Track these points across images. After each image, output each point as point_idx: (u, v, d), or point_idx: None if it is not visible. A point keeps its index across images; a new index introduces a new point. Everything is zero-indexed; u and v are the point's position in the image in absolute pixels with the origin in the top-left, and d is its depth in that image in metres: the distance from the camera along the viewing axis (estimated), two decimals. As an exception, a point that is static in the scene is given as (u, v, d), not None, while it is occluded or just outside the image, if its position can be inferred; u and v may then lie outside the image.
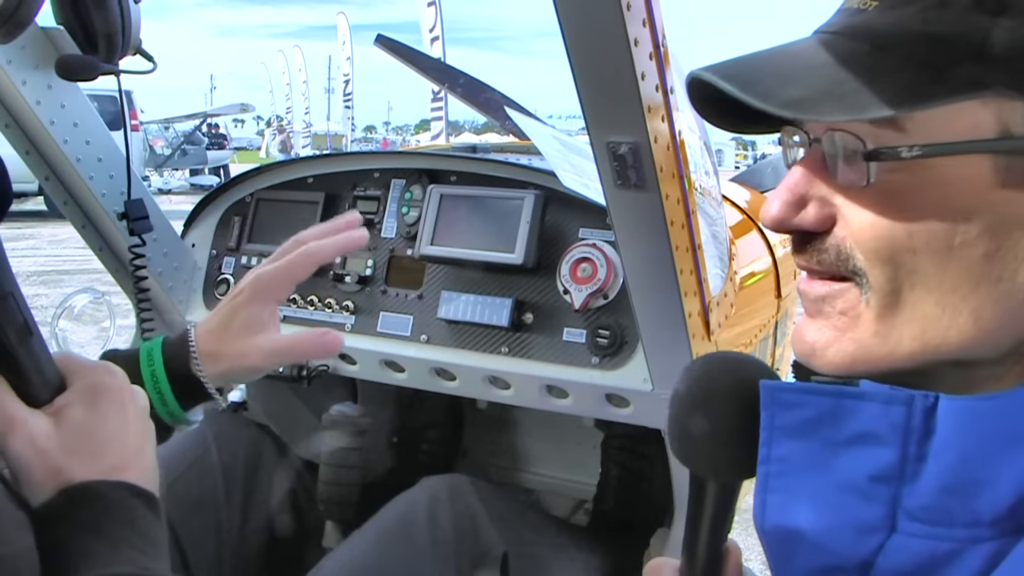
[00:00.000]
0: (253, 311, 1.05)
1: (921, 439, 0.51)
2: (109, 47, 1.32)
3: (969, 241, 0.53)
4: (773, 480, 0.57)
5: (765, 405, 0.57)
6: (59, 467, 0.71)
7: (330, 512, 1.64)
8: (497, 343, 1.47)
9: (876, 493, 0.53)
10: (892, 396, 0.53)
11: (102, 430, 0.75)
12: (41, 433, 0.72)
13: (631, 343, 1.36)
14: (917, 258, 0.54)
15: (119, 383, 0.79)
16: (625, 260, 1.14)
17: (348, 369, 1.63)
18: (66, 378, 0.77)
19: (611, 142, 0.95)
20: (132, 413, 0.78)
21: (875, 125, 0.54)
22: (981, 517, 0.50)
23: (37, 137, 1.44)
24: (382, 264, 1.61)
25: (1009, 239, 0.52)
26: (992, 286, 0.53)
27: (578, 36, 0.86)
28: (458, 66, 2.70)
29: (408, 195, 1.60)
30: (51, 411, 0.74)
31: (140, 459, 0.77)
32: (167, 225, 1.67)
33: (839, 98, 0.53)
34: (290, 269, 1.08)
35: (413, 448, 2.11)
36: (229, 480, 1.49)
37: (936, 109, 0.52)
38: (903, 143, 0.53)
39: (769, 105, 0.54)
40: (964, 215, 0.53)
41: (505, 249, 1.44)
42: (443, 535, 1.33)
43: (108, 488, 0.72)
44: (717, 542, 0.69)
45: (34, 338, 0.72)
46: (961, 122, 0.52)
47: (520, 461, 2.14)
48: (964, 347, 0.55)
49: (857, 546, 0.53)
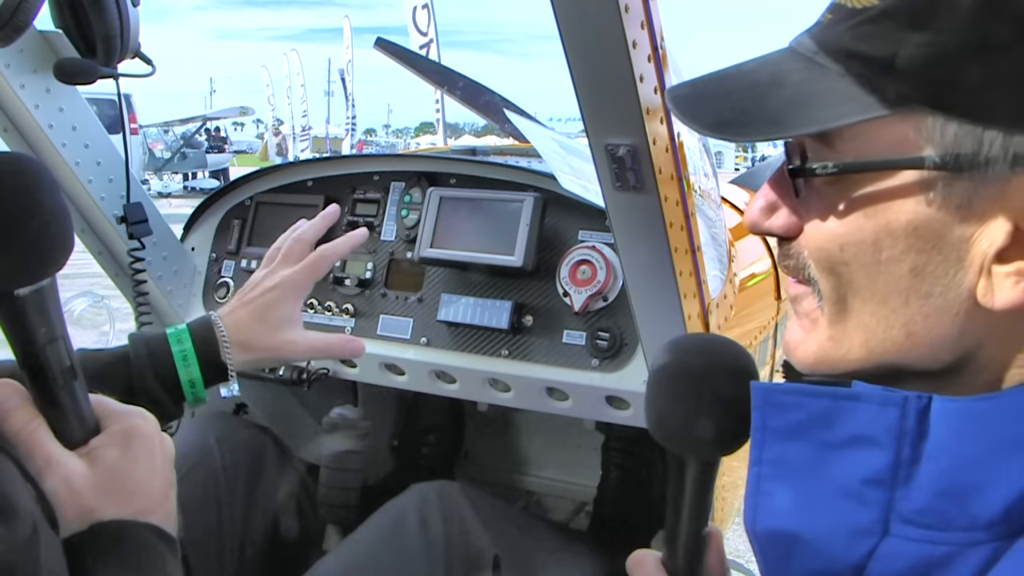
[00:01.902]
0: (288, 308, 1.18)
1: (915, 441, 0.51)
2: (107, 50, 1.32)
3: (895, 256, 0.53)
4: (765, 483, 0.57)
5: (757, 406, 0.57)
6: (91, 507, 0.73)
7: (331, 515, 1.64)
8: (497, 346, 1.46)
9: (869, 496, 0.52)
10: (887, 398, 0.52)
11: (133, 474, 0.77)
12: (77, 474, 0.74)
13: (631, 345, 1.36)
14: (851, 270, 0.56)
15: (151, 429, 0.82)
16: (624, 262, 1.14)
17: (348, 372, 1.63)
18: (101, 421, 0.79)
19: (610, 144, 0.95)
20: (160, 459, 0.81)
21: (814, 141, 0.56)
22: (976, 520, 0.49)
23: (35, 141, 1.44)
24: (382, 267, 1.60)
25: (937, 255, 0.52)
26: (922, 300, 0.54)
27: (576, 39, 0.85)
28: (456, 69, 2.70)
29: (407, 198, 1.60)
30: (85, 452, 0.76)
31: (164, 504, 0.81)
32: (166, 228, 1.67)
33: (761, 118, 0.55)
34: (314, 270, 1.21)
35: (414, 451, 2.11)
36: (230, 483, 1.49)
37: (862, 125, 0.52)
38: (831, 159, 0.55)
39: (699, 126, 0.57)
40: (889, 231, 0.53)
41: (505, 252, 1.43)
42: (434, 540, 1.33)
43: (137, 528, 0.75)
44: (698, 526, 0.70)
45: (77, 381, 0.75)
46: (884, 139, 0.52)
47: (520, 463, 2.14)
48: (902, 357, 0.56)
49: (850, 550, 0.53)
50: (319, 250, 1.22)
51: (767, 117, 0.55)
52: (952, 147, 0.50)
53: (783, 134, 0.55)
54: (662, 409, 0.66)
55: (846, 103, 0.52)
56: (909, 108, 0.51)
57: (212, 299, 1.74)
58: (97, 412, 0.79)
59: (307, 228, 1.26)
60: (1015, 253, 0.50)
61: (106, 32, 1.30)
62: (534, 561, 1.44)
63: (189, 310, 1.74)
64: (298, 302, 1.19)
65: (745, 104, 0.56)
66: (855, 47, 0.53)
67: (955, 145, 0.49)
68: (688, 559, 0.71)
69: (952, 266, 0.52)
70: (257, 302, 1.17)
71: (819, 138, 0.55)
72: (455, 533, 1.36)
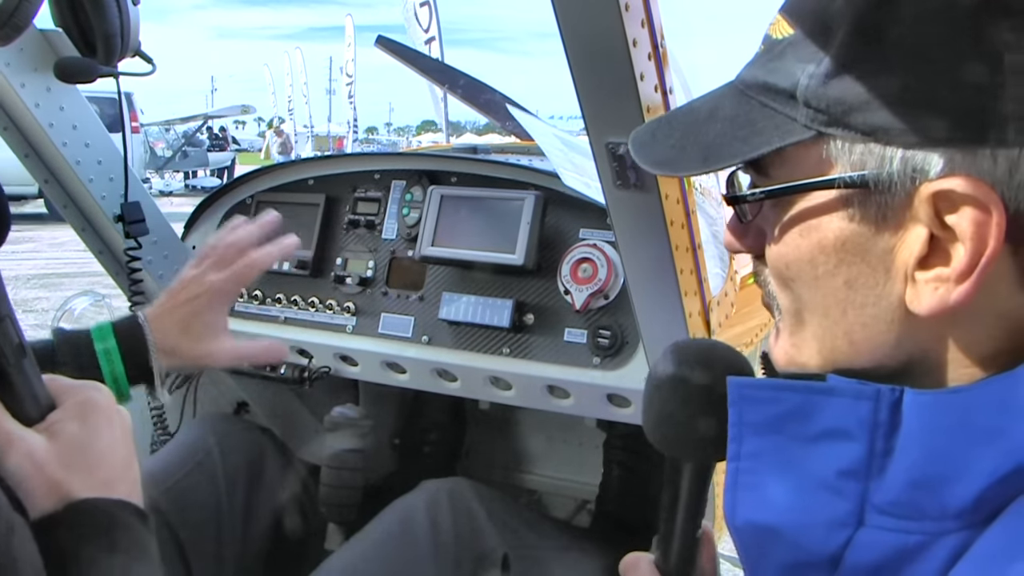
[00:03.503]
0: (213, 317, 1.18)
1: (888, 434, 0.53)
2: (108, 49, 1.32)
3: (830, 271, 0.57)
4: (743, 476, 0.58)
5: (733, 401, 0.58)
6: (57, 480, 0.73)
7: (332, 514, 1.64)
8: (498, 344, 1.46)
9: (845, 488, 0.54)
10: (860, 391, 0.54)
11: (95, 445, 0.78)
12: (39, 448, 0.74)
13: (632, 343, 1.36)
14: (797, 286, 0.60)
15: (107, 401, 0.82)
16: (625, 260, 1.14)
17: (350, 371, 1.63)
18: (55, 397, 0.79)
19: (610, 142, 0.94)
20: (120, 429, 0.82)
21: (753, 169, 0.60)
22: (947, 510, 0.51)
23: (36, 140, 1.44)
24: (383, 266, 1.60)
25: (866, 268, 0.55)
26: (858, 311, 0.57)
27: (577, 37, 0.85)
28: (458, 67, 2.70)
29: (409, 196, 1.60)
30: (44, 428, 0.76)
31: (129, 473, 0.81)
32: (167, 227, 1.67)
33: (695, 152, 0.60)
34: (240, 279, 1.20)
35: (415, 450, 2.11)
36: (230, 484, 1.49)
37: (788, 152, 0.56)
38: (763, 186, 0.59)
39: (646, 164, 0.63)
40: (821, 248, 0.57)
41: (506, 250, 1.43)
42: (443, 538, 1.34)
43: (108, 505, 0.75)
44: (691, 529, 0.71)
45: (27, 359, 0.74)
46: (805, 163, 0.56)
47: (522, 462, 2.14)
48: (851, 363, 0.58)
49: (827, 541, 0.54)
50: (248, 258, 1.21)
51: (700, 151, 0.60)
52: (859, 166, 0.53)
53: (714, 167, 0.59)
54: (659, 413, 0.67)
55: (765, 133, 0.56)
56: (818, 133, 0.54)
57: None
58: (51, 389, 0.79)
59: (243, 234, 1.23)
60: (934, 260, 0.52)
61: (106, 31, 1.30)
62: (543, 560, 1.45)
63: (190, 309, 1.73)
64: (224, 310, 1.20)
65: (684, 140, 0.62)
66: (768, 79, 0.57)
67: (860, 164, 0.53)
68: (681, 561, 0.72)
69: (881, 276, 0.55)
70: (182, 311, 1.17)
71: (756, 168, 0.60)
72: (465, 532, 1.36)
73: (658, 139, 0.64)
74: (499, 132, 3.44)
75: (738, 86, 0.61)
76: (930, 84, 0.50)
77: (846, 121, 0.53)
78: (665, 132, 0.64)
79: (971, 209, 0.50)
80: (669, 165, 0.63)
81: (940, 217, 0.51)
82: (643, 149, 0.64)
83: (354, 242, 1.65)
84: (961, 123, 0.50)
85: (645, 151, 0.64)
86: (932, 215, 0.51)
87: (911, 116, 0.51)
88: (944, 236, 0.52)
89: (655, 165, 0.63)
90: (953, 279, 0.51)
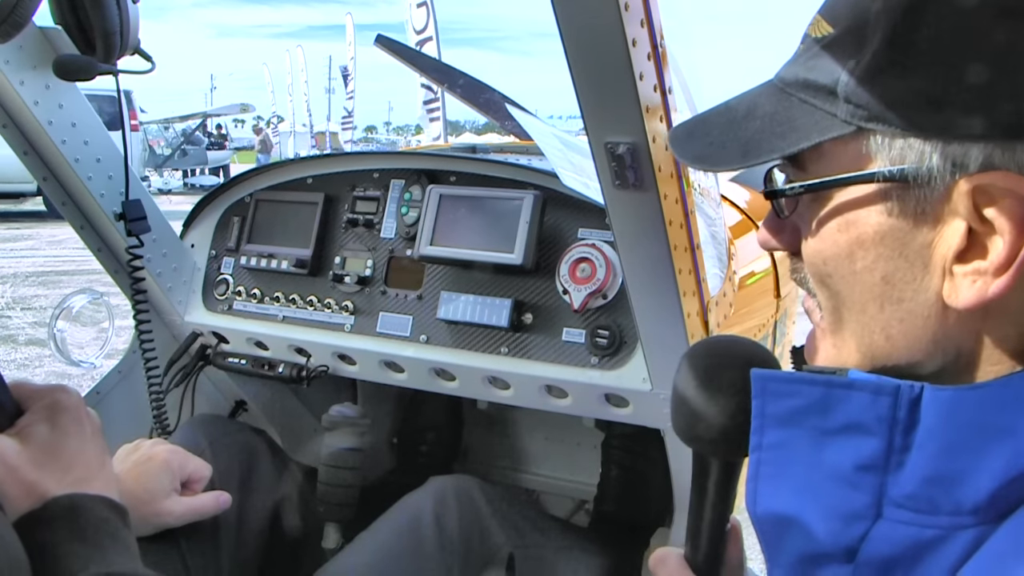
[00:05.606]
0: (160, 481, 1.21)
1: (906, 430, 0.54)
2: (107, 47, 1.32)
3: (868, 266, 0.58)
4: (764, 468, 0.59)
5: (756, 394, 0.59)
6: (32, 481, 0.75)
7: (329, 513, 1.64)
8: (497, 343, 1.46)
9: (862, 482, 0.55)
10: (880, 387, 0.55)
11: (66, 445, 0.79)
12: (10, 452, 0.75)
13: (630, 343, 1.36)
14: (835, 282, 0.60)
15: (75, 402, 0.84)
16: (624, 260, 1.14)
17: (348, 370, 1.63)
18: (22, 402, 0.81)
19: (609, 142, 0.95)
20: (90, 429, 0.84)
21: (792, 166, 0.61)
22: (962, 506, 0.52)
23: (35, 137, 1.44)
24: (381, 265, 1.60)
25: (904, 262, 0.56)
26: (895, 306, 0.57)
27: (576, 37, 0.85)
28: (457, 66, 2.70)
29: (407, 195, 1.60)
30: (14, 432, 0.78)
31: (103, 471, 0.83)
32: (166, 225, 1.67)
33: (734, 149, 0.61)
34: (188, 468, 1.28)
35: (413, 449, 2.11)
36: (224, 486, 1.49)
37: (827, 147, 0.57)
38: (801, 181, 0.60)
39: (685, 159, 0.65)
40: (860, 242, 0.57)
41: (504, 249, 1.43)
42: (450, 535, 1.34)
43: (86, 500, 0.77)
44: (720, 523, 0.73)
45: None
46: (844, 158, 0.57)
47: (520, 461, 2.14)
48: (889, 361, 0.59)
49: (844, 533, 0.55)
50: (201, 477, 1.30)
51: (739, 147, 0.61)
52: (898, 160, 0.54)
53: (752, 161, 0.60)
54: (692, 412, 0.68)
55: (805, 129, 0.57)
56: (858, 128, 0.55)
57: (212, 296, 1.74)
58: (17, 395, 0.81)
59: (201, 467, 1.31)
60: (972, 254, 0.53)
61: (105, 28, 1.30)
62: (548, 559, 1.45)
63: (188, 307, 1.74)
64: (171, 476, 1.23)
65: (723, 137, 0.63)
66: (808, 76, 0.58)
67: (900, 158, 0.54)
68: (710, 555, 0.73)
69: (919, 271, 0.56)
70: (131, 474, 1.18)
71: (794, 163, 0.60)
72: (472, 531, 1.37)
73: (695, 136, 0.65)
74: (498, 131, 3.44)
75: (777, 84, 0.62)
76: (969, 80, 0.50)
77: (886, 116, 0.53)
78: (702, 130, 0.65)
79: (1010, 202, 0.51)
80: (709, 160, 0.64)
81: (979, 211, 0.52)
82: (681, 146, 0.65)
83: (353, 241, 1.65)
84: (1000, 119, 0.50)
85: (683, 147, 0.65)
86: (971, 209, 0.52)
87: (951, 111, 0.51)
88: (982, 230, 0.52)
89: (695, 160, 0.65)
90: (991, 272, 0.52)
